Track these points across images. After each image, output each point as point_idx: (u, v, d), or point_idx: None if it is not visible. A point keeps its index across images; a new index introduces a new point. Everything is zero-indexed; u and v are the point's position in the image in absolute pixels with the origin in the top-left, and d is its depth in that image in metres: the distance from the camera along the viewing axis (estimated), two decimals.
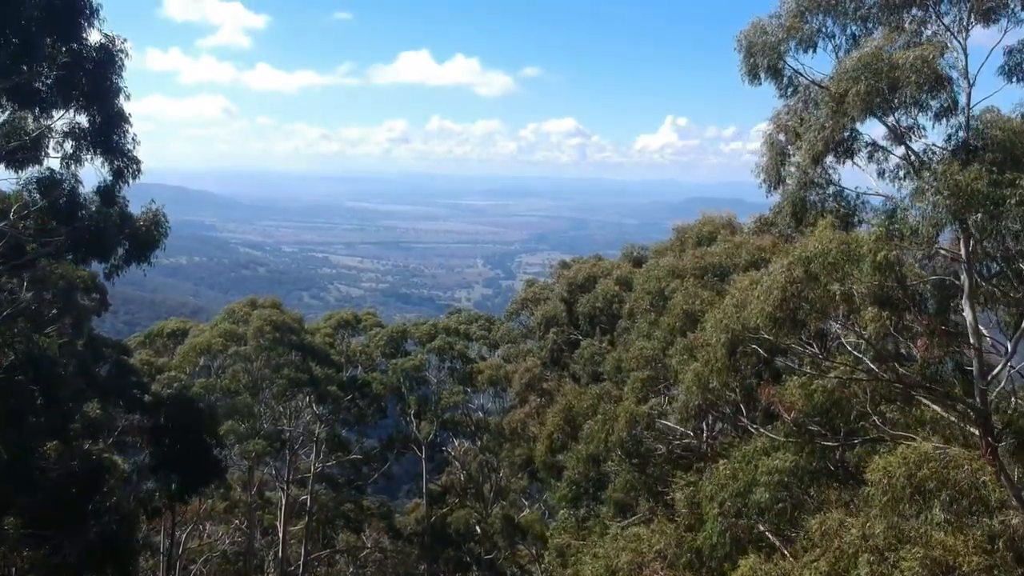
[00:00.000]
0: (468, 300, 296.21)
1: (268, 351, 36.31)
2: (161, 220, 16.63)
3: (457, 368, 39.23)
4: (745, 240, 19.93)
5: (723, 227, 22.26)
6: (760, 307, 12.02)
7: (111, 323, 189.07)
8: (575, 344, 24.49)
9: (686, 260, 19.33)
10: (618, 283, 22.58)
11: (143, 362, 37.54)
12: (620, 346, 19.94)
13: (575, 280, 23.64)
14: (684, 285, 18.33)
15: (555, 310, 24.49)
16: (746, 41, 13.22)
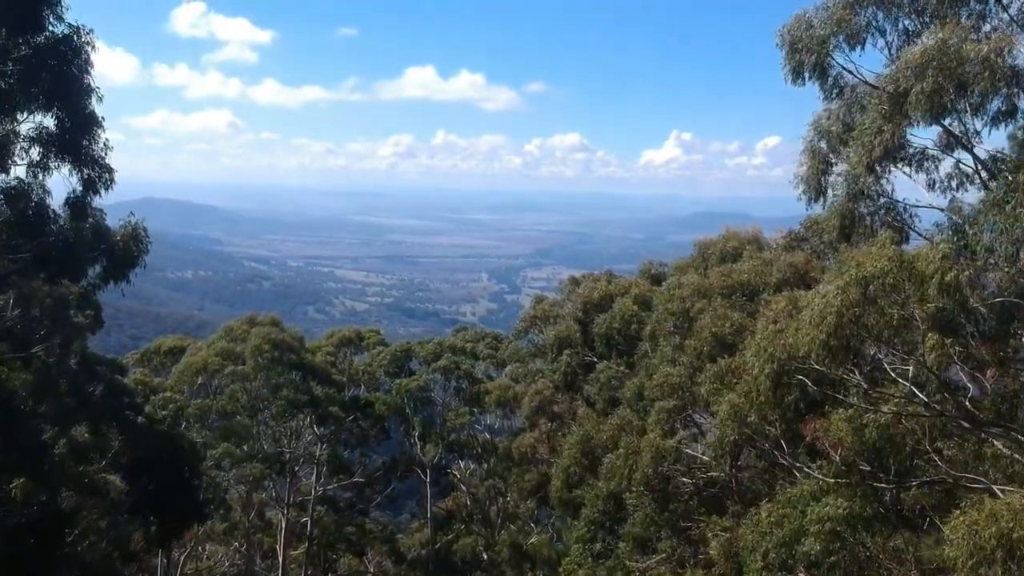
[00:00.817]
0: (473, 314, 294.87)
1: (267, 370, 34.94)
2: (141, 235, 15.23)
3: (463, 388, 37.72)
4: (775, 257, 18.50)
5: (749, 243, 20.84)
6: (812, 334, 10.55)
7: (116, 337, 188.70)
8: (590, 367, 23.04)
9: (712, 278, 17.90)
10: (636, 302, 21.14)
11: (137, 382, 36.11)
12: (641, 371, 18.49)
13: (590, 299, 22.21)
14: (711, 306, 16.88)
15: (568, 330, 23.05)
16: (789, 36, 11.86)
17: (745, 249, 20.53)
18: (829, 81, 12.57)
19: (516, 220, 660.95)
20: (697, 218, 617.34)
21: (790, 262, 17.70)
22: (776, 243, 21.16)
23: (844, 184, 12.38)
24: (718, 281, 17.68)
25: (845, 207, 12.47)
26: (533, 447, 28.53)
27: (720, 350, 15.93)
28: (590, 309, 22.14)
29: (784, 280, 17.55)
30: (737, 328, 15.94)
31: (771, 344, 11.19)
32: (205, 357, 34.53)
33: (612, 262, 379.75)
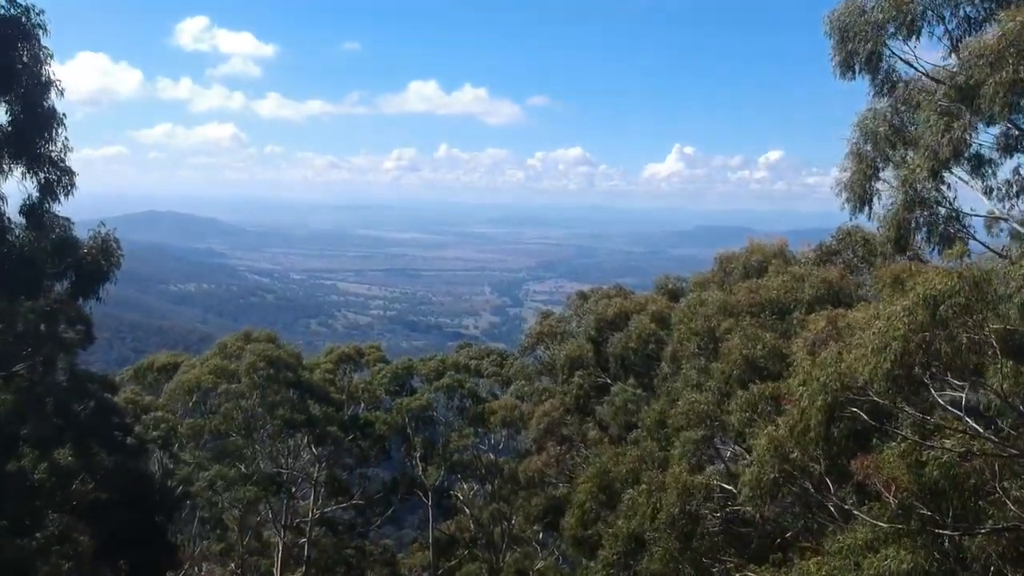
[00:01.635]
0: (476, 328, 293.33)
1: (263, 389, 33.50)
2: (112, 247, 13.84)
3: (467, 407, 36.20)
4: (806, 272, 17.06)
5: (774, 256, 19.42)
6: (874, 362, 9.10)
7: (118, 350, 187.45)
8: (603, 388, 21.58)
9: (739, 295, 16.46)
10: (654, 320, 19.72)
11: (127, 401, 34.66)
12: (662, 395, 17.05)
13: (604, 316, 20.79)
14: (739, 325, 15.43)
15: (580, 350, 21.61)
16: (839, 23, 10.49)
17: (771, 263, 19.11)
18: (880, 75, 11.19)
19: (519, 233, 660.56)
20: (700, 232, 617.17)
21: (823, 278, 16.27)
22: (805, 257, 19.72)
23: (900, 190, 10.96)
24: (745, 298, 16.25)
25: (902, 217, 11.04)
26: (541, 471, 26.99)
27: (751, 374, 14.49)
28: (604, 327, 20.71)
29: (818, 297, 16.13)
30: (770, 350, 14.50)
31: (824, 372, 9.73)
32: (198, 375, 33.12)
33: (615, 275, 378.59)
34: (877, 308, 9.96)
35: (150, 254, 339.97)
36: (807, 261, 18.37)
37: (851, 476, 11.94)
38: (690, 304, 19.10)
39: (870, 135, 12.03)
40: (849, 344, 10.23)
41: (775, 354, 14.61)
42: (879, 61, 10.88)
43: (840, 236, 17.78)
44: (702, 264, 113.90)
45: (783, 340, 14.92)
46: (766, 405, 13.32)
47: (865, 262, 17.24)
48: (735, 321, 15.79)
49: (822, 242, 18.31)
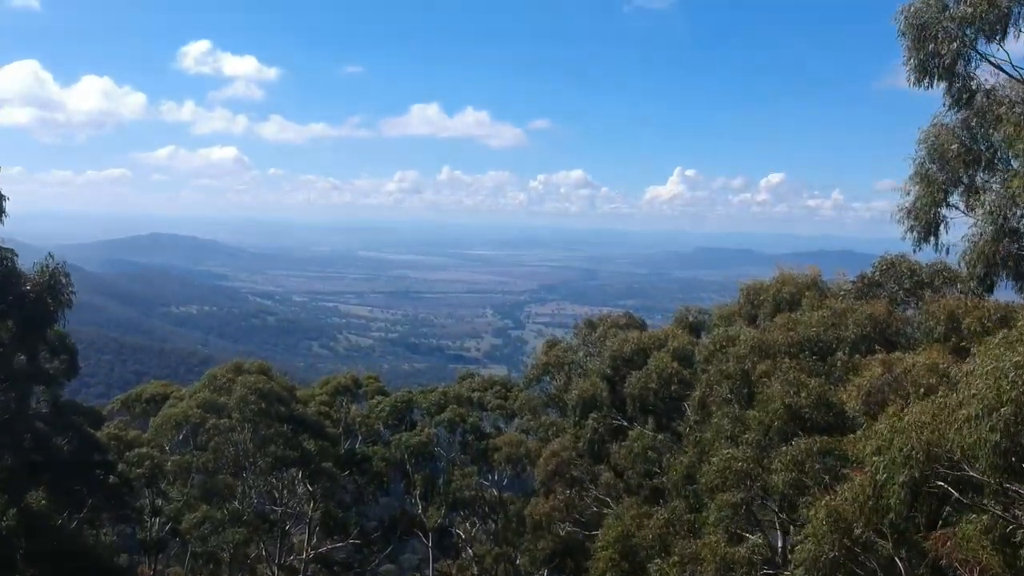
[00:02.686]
0: (478, 350, 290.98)
1: (254, 424, 31.66)
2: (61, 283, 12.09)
3: (470, 443, 34.25)
4: (847, 307, 15.30)
5: (808, 288, 17.66)
6: (977, 433, 7.32)
7: (119, 372, 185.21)
8: (619, 430, 19.76)
9: (775, 333, 14.70)
10: (676, 358, 17.98)
11: (110, 436, 32.89)
12: (690, 446, 15.24)
13: (620, 353, 19.03)
14: (777, 368, 13.64)
15: (594, 388, 19.83)
16: (916, 20, 8.83)
17: (804, 296, 17.36)
18: (959, 83, 9.51)
19: (521, 256, 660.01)
20: (701, 254, 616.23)
21: (870, 313, 14.51)
22: (840, 288, 17.97)
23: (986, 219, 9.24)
24: (782, 337, 14.49)
25: (990, 248, 9.31)
26: (549, 515, 25.03)
27: (795, 425, 12.68)
28: (620, 364, 18.96)
29: (863, 336, 14.39)
30: (816, 398, 12.73)
31: (907, 441, 7.95)
32: (186, 409, 31.31)
33: (617, 298, 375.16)
34: (973, 363, 8.19)
35: (152, 276, 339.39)
36: (845, 294, 16.62)
37: (925, 554, 10.09)
38: (715, 340, 17.32)
39: (938, 154, 10.37)
40: (931, 404, 8.45)
41: (822, 402, 12.84)
42: (963, 65, 9.23)
43: (882, 266, 16.08)
44: (704, 287, 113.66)
45: (829, 386, 13.13)
46: (816, 464, 11.48)
47: (912, 295, 15.48)
48: (772, 363, 14.02)
49: (862, 273, 16.59)
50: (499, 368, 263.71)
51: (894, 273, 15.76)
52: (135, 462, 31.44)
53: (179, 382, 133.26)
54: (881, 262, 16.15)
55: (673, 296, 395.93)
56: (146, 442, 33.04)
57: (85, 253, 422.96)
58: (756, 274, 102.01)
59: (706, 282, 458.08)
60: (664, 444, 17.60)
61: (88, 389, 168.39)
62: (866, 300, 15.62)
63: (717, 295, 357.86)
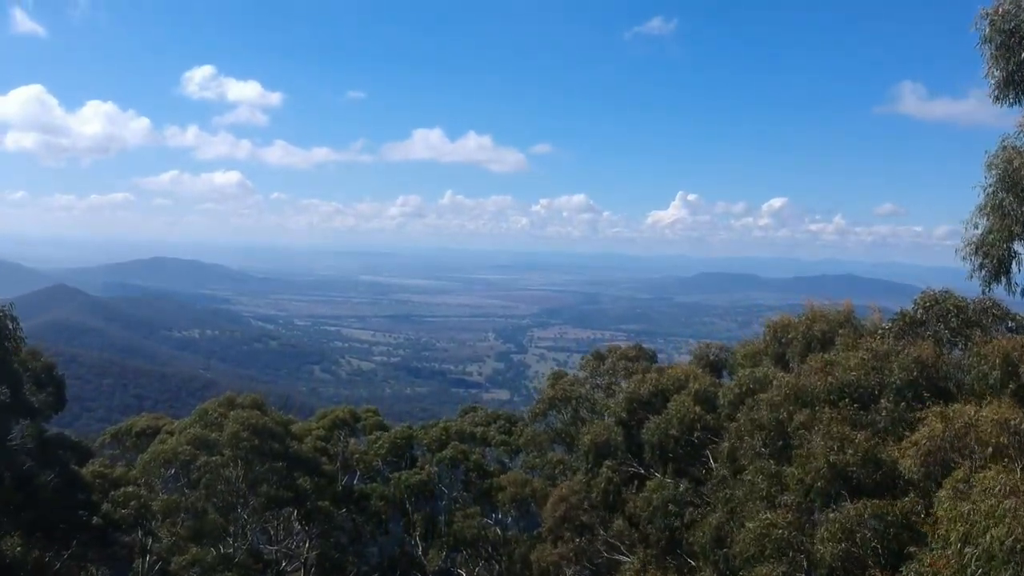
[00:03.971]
0: (480, 374, 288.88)
1: (246, 461, 30.13)
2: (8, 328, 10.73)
3: (473, 481, 32.62)
4: (890, 348, 13.89)
5: (841, 325, 16.27)
6: None
7: (120, 397, 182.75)
8: (634, 477, 18.24)
9: (812, 378, 13.28)
10: (698, 401, 16.55)
11: (95, 474, 31.36)
12: (719, 504, 13.77)
13: (637, 395, 17.56)
14: (818, 419, 12.21)
15: (608, 433, 18.30)
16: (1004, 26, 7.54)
17: (837, 333, 15.96)
18: None
19: (523, 280, 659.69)
20: (703, 278, 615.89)
21: (915, 357, 13.09)
22: (873, 324, 16.56)
23: None
24: (821, 383, 13.07)
25: None
26: (557, 563, 23.41)
27: (839, 485, 11.22)
28: (636, 408, 17.52)
29: (909, 381, 12.97)
30: (864, 456, 11.29)
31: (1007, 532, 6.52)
32: (174, 446, 29.80)
33: (620, 322, 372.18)
34: None
35: (155, 300, 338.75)
36: (884, 333, 15.20)
37: None
38: (741, 383, 15.89)
39: (1012, 182, 9.05)
40: None
41: (870, 460, 11.39)
42: None
43: (925, 303, 14.68)
44: (707, 311, 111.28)
45: (878, 441, 11.68)
46: (867, 532, 10.01)
47: (959, 335, 14.08)
48: (811, 413, 12.58)
49: (902, 310, 15.20)
50: (501, 393, 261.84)
51: (938, 310, 14.40)
52: (120, 502, 29.86)
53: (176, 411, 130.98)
54: (923, 298, 14.76)
55: (676, 320, 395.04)
56: (133, 480, 31.51)
57: (88, 277, 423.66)
58: (759, 299, 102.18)
59: (709, 307, 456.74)
60: (686, 497, 16.12)
61: (89, 414, 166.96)
62: (909, 340, 14.23)
63: (720, 319, 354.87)
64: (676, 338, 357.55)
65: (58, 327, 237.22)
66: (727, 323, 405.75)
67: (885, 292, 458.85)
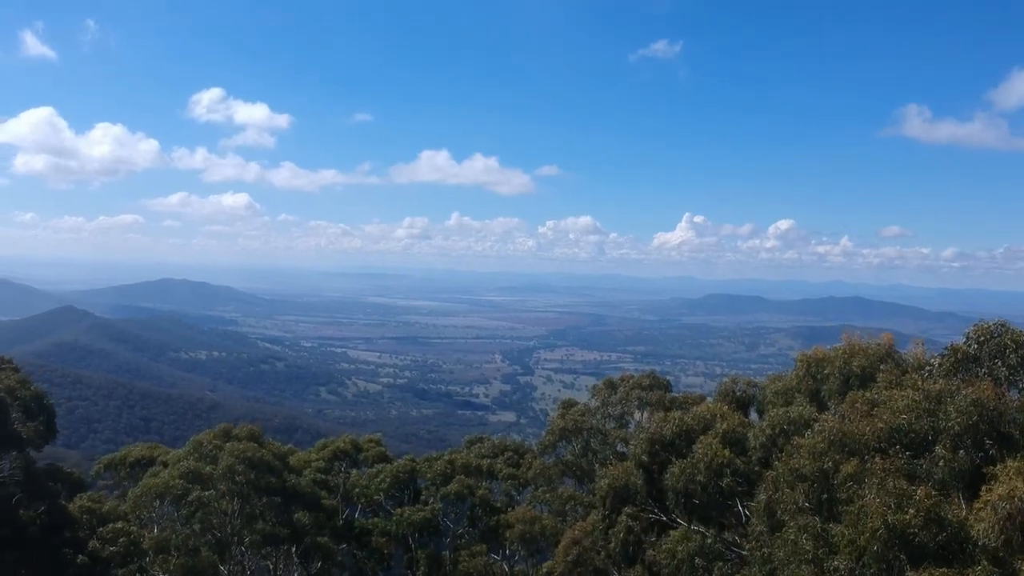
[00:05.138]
0: (486, 396, 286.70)
1: (241, 496, 28.68)
2: None
3: (479, 516, 31.03)
4: (943, 388, 12.46)
5: (882, 360, 14.84)
6: None
7: (127, 418, 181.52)
8: (655, 524, 16.73)
9: (859, 422, 11.86)
10: (726, 443, 15.08)
11: (82, 509, 29.97)
12: (756, 565, 12.27)
13: (659, 436, 16.05)
14: (869, 470, 10.77)
15: (627, 477, 16.78)
16: None
17: (879, 370, 14.53)
18: None
19: (530, 301, 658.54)
20: (710, 300, 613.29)
21: (974, 399, 11.67)
22: (916, 359, 15.12)
23: None
24: (870, 429, 11.64)
25: None
26: None
27: (899, 548, 9.76)
28: (659, 450, 16.06)
29: (968, 426, 11.52)
30: (927, 516, 9.83)
31: None
32: (167, 480, 28.37)
33: (627, 344, 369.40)
34: None
35: (162, 321, 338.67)
36: (932, 370, 13.77)
37: None
38: (774, 423, 14.44)
39: None
40: None
41: (933, 521, 9.93)
42: None
43: (979, 336, 13.27)
44: (714, 333, 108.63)
45: (941, 499, 10.23)
46: None
47: (1017, 373, 12.65)
48: (859, 463, 11.15)
49: (953, 344, 13.79)
50: (508, 415, 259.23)
51: (994, 345, 13.00)
52: (109, 538, 28.43)
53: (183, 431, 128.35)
54: (977, 331, 13.35)
55: (683, 342, 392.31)
56: (124, 515, 30.10)
57: (96, 299, 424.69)
58: (767, 321, 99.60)
59: (716, 329, 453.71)
60: (715, 550, 14.64)
61: (95, 435, 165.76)
62: (963, 379, 12.81)
63: (727, 342, 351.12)
64: (683, 360, 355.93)
65: (66, 348, 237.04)
66: (734, 345, 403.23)
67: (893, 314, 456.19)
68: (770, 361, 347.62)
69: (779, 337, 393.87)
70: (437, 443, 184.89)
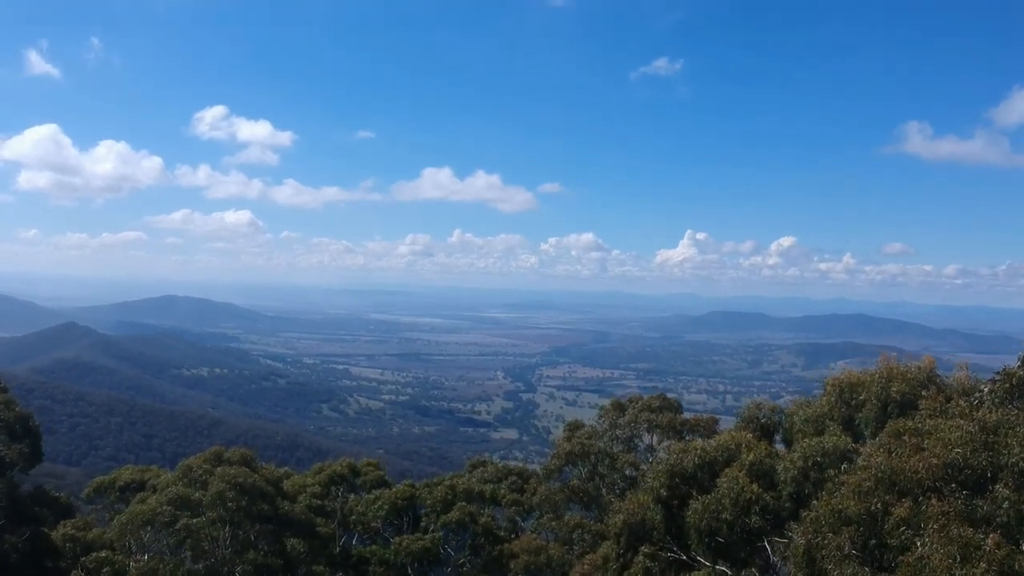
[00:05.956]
0: (488, 413, 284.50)
1: (232, 524, 27.29)
2: None
3: (481, 545, 29.55)
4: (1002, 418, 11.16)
5: (922, 385, 13.54)
6: None
7: (129, 435, 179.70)
8: (674, 564, 15.34)
9: (912, 458, 10.55)
10: (753, 476, 13.76)
11: (66, 537, 28.63)
12: None
13: (679, 468, 14.69)
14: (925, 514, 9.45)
15: (644, 512, 15.39)
16: None
17: (921, 396, 13.23)
18: None
19: (532, 318, 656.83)
20: (713, 317, 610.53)
21: None
22: (960, 384, 13.82)
23: None
24: (923, 465, 10.34)
25: None
26: None
27: None
28: (679, 483, 14.71)
29: None
30: (1000, 570, 8.51)
31: None
32: (154, 507, 27.01)
33: (630, 361, 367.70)
34: None
35: (165, 338, 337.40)
36: (981, 396, 12.48)
37: None
38: (807, 454, 13.12)
39: None
40: None
41: None
42: None
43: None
44: (717, 350, 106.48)
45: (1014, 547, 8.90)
46: None
47: None
48: (913, 504, 9.83)
49: (1006, 369, 12.53)
50: (510, 432, 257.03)
51: None
52: (92, 568, 27.03)
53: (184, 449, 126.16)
54: None
55: (686, 359, 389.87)
56: (109, 543, 28.71)
57: (99, 315, 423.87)
58: (769, 338, 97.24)
59: (719, 346, 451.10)
60: None
61: (97, 452, 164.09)
62: (1020, 407, 11.52)
63: (730, 359, 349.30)
64: (686, 377, 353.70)
65: (68, 365, 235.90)
66: (737, 362, 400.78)
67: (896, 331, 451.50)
68: (773, 378, 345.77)
69: (782, 354, 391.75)
70: (439, 460, 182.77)
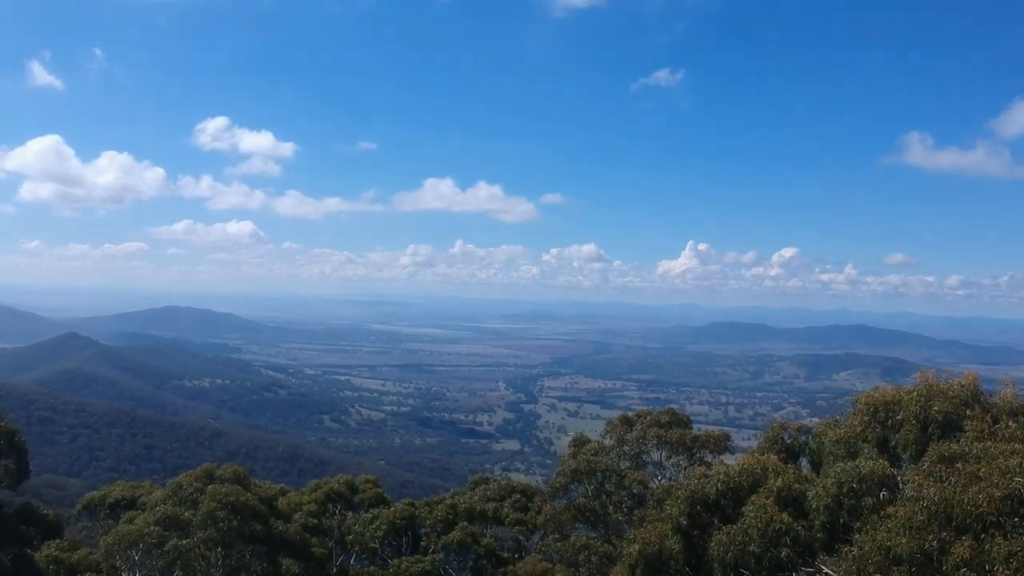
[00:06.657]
0: (490, 424, 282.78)
1: (224, 545, 26.11)
2: None
3: (484, 568, 28.29)
4: None
5: (966, 404, 12.38)
6: None
7: (130, 447, 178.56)
8: None
9: (969, 488, 9.39)
10: (782, 503, 12.60)
11: (50, 559, 27.45)
12: None
13: (701, 494, 13.50)
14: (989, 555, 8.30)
15: (660, 541, 14.19)
16: None
17: (966, 416, 12.08)
18: None
19: (534, 329, 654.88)
20: (715, 328, 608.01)
21: None
22: (1007, 403, 12.66)
23: None
24: (982, 495, 9.18)
25: None
26: None
27: None
28: (700, 511, 13.56)
29: None
30: None
31: None
32: (141, 527, 25.83)
33: (632, 372, 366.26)
34: None
35: (166, 349, 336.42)
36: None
37: None
38: (841, 480, 11.95)
39: None
40: None
41: None
42: None
43: None
44: (719, 361, 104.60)
45: None
46: None
47: None
48: (975, 543, 8.67)
49: None
50: (511, 443, 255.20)
51: None
52: None
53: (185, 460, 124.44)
54: None
55: (688, 370, 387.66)
56: (95, 565, 27.55)
57: (100, 326, 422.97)
58: (771, 349, 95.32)
59: (720, 357, 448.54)
60: None
61: (98, 463, 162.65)
62: None
63: (732, 370, 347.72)
64: (688, 388, 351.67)
65: (69, 376, 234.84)
66: (739, 373, 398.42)
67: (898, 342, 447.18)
68: (775, 389, 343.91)
69: (784, 365, 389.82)
70: (440, 472, 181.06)
